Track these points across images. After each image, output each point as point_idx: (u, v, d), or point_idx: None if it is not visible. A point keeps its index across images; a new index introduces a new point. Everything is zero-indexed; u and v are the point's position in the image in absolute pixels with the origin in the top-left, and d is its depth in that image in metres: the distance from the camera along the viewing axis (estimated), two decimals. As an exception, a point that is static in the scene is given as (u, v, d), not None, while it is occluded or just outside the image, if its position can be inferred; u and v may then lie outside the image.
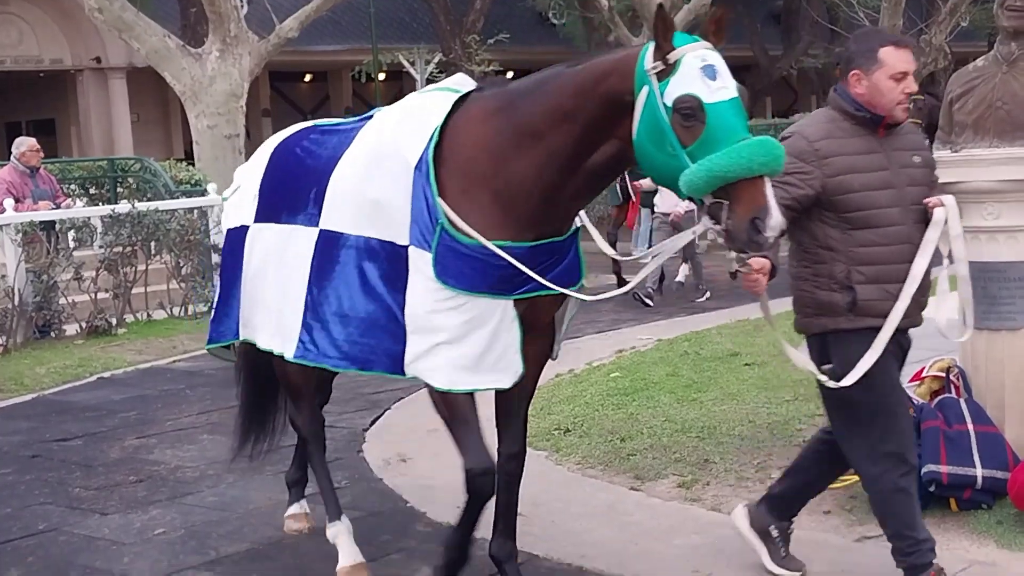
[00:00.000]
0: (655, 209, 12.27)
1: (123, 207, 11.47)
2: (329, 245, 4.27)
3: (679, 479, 5.65)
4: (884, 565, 4.52)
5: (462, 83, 4.21)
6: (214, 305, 5.07)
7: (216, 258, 11.97)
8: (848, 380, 4.01)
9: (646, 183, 12.12)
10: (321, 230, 4.31)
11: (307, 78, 33.66)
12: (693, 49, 3.65)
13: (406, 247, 4.02)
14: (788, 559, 4.53)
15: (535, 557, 4.80)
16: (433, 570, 4.38)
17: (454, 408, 4.13)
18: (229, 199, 5.02)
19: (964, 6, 22.85)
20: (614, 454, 6.09)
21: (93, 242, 11.48)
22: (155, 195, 13.32)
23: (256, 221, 4.69)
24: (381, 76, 27.77)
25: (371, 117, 4.50)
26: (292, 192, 4.50)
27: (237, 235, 4.82)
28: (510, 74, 36.14)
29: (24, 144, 11.43)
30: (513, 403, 4.42)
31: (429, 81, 28.63)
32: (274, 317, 4.54)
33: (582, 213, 4.24)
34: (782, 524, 4.56)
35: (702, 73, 3.60)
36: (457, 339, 3.95)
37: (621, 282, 11.54)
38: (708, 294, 12.11)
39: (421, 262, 3.96)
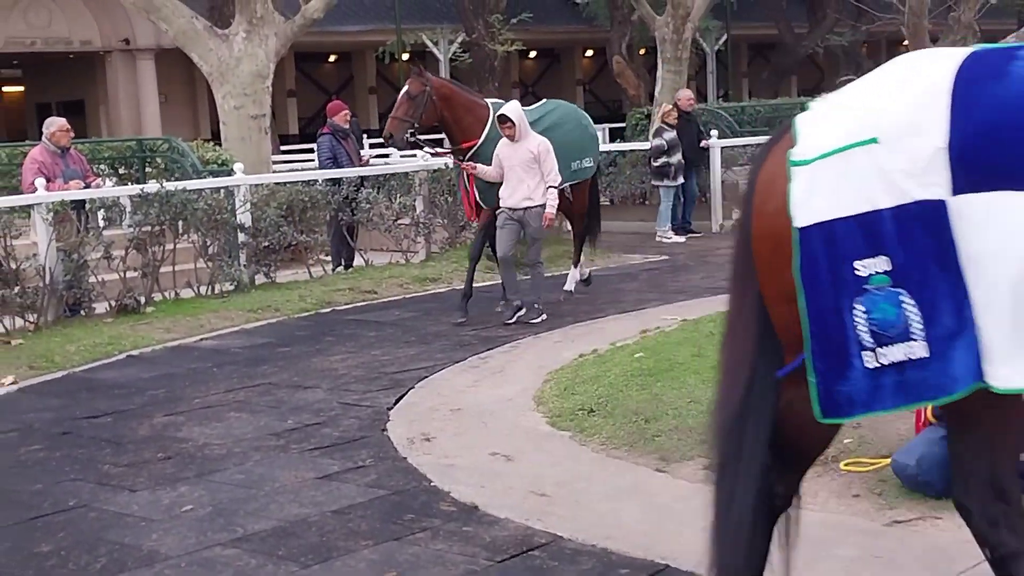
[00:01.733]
0: (500, 203, 9.79)
1: (152, 187, 11.52)
2: None
3: (705, 461, 5.64)
4: (914, 549, 4.51)
5: None
6: (888, 333, 3.02)
7: (244, 237, 12.06)
8: None
9: (483, 169, 9.85)
10: None
11: (332, 59, 33.70)
12: None
13: None
14: None
15: (559, 539, 4.81)
16: None
17: None
18: (816, 163, 3.11)
19: (994, -17, 22.63)
20: (639, 435, 6.09)
21: (122, 221, 11.54)
22: (183, 175, 13.36)
23: (960, 192, 2.97)
24: (405, 56, 27.75)
25: None
26: None
27: (916, 216, 3.00)
28: (533, 54, 36.09)
29: (54, 124, 11.49)
30: None
31: (452, 62, 28.65)
32: None
33: None
34: None
35: None
36: None
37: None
38: (543, 316, 9.84)
39: None
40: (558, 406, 6.87)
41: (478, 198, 10.19)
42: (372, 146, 22.06)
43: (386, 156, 20.33)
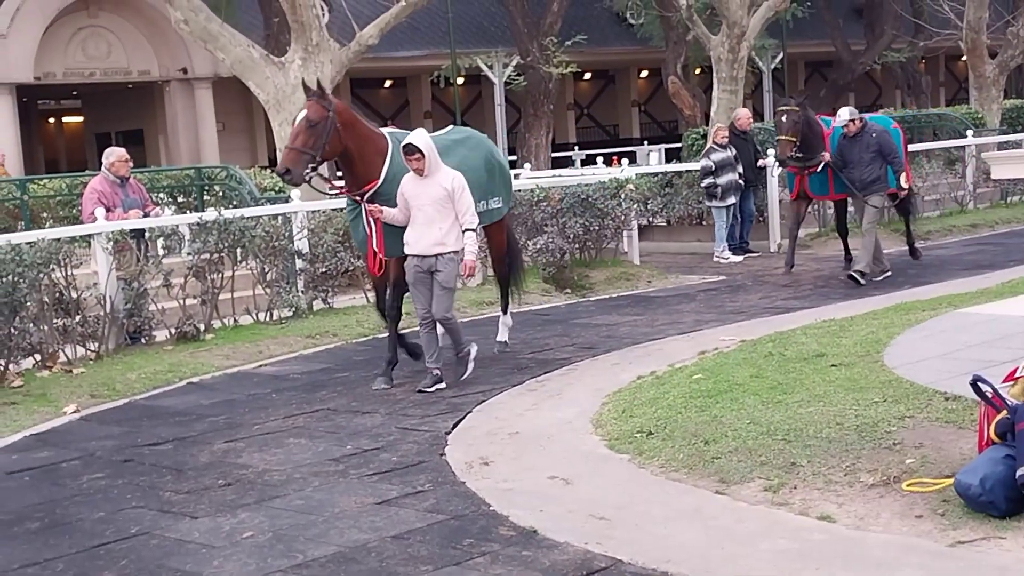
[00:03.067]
0: (406, 250, 8.49)
1: (210, 215, 11.65)
2: None
3: (765, 482, 5.58)
4: (978, 570, 4.43)
5: None
6: None
7: (301, 263, 12.15)
8: None
9: (390, 213, 8.52)
10: None
11: (387, 84, 33.97)
12: None
13: None
14: None
15: (619, 562, 4.77)
16: None
17: None
18: None
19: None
20: (698, 457, 6.04)
21: (181, 249, 11.68)
22: (240, 202, 13.51)
23: None
24: (460, 80, 27.90)
25: None
26: None
27: None
28: (588, 75, 36.15)
29: (114, 154, 11.66)
30: None
31: (507, 85, 28.81)
32: None
33: None
34: None
35: None
36: None
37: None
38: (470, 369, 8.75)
39: None
40: (617, 428, 6.83)
41: (383, 247, 8.69)
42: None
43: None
